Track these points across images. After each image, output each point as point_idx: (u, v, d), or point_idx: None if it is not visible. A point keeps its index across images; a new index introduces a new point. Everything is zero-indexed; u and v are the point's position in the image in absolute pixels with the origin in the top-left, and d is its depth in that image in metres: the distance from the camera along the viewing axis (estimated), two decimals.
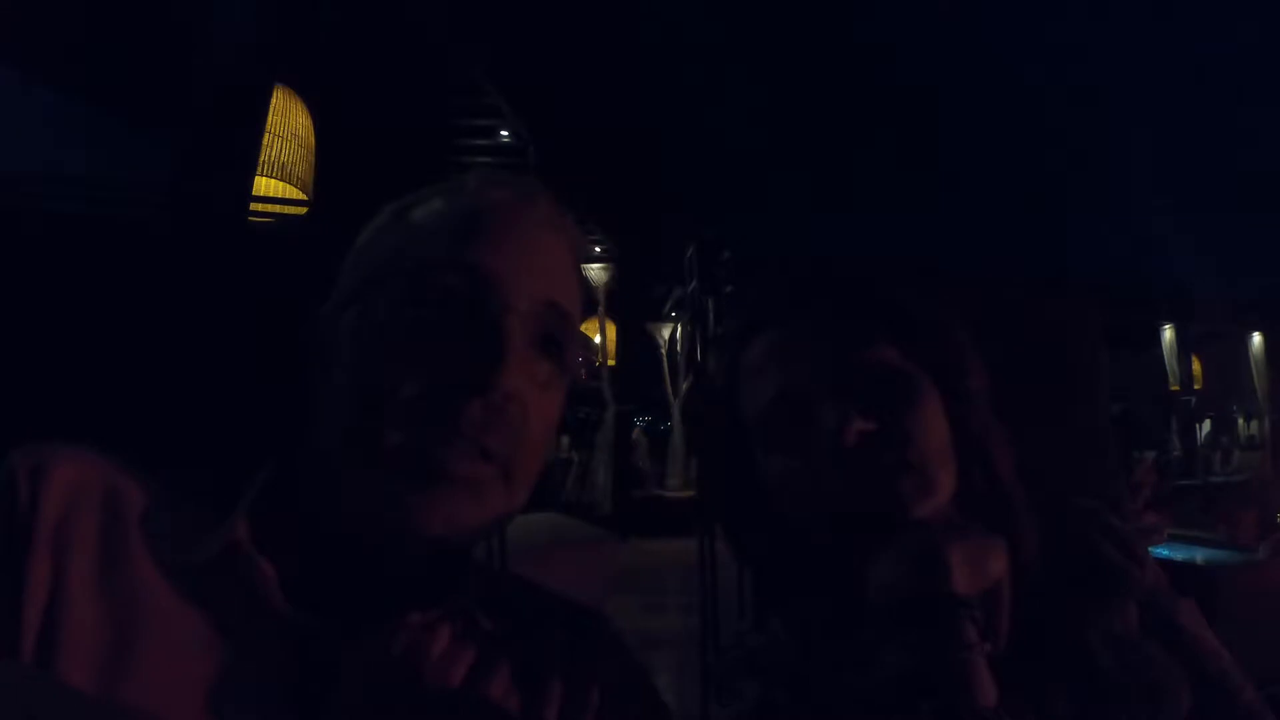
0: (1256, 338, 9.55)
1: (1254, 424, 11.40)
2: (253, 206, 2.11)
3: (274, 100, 2.27)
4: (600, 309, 8.22)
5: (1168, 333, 9.58)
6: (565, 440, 9.24)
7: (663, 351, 9.41)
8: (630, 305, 8.58)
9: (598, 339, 8.21)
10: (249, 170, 2.00)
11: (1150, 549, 0.72)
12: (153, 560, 0.48)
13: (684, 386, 8.98)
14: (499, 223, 0.57)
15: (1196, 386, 10.26)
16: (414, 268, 0.54)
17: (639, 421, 10.18)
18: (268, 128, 2.23)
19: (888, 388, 0.63)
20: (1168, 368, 9.69)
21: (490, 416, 0.51)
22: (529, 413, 0.54)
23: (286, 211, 2.31)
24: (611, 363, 8.38)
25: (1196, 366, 10.35)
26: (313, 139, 2.47)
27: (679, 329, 9.20)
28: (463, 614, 0.54)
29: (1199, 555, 3.23)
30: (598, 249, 8.19)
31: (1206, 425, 11.48)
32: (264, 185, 2.30)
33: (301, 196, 2.40)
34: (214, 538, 0.50)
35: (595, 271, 8.14)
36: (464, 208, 0.58)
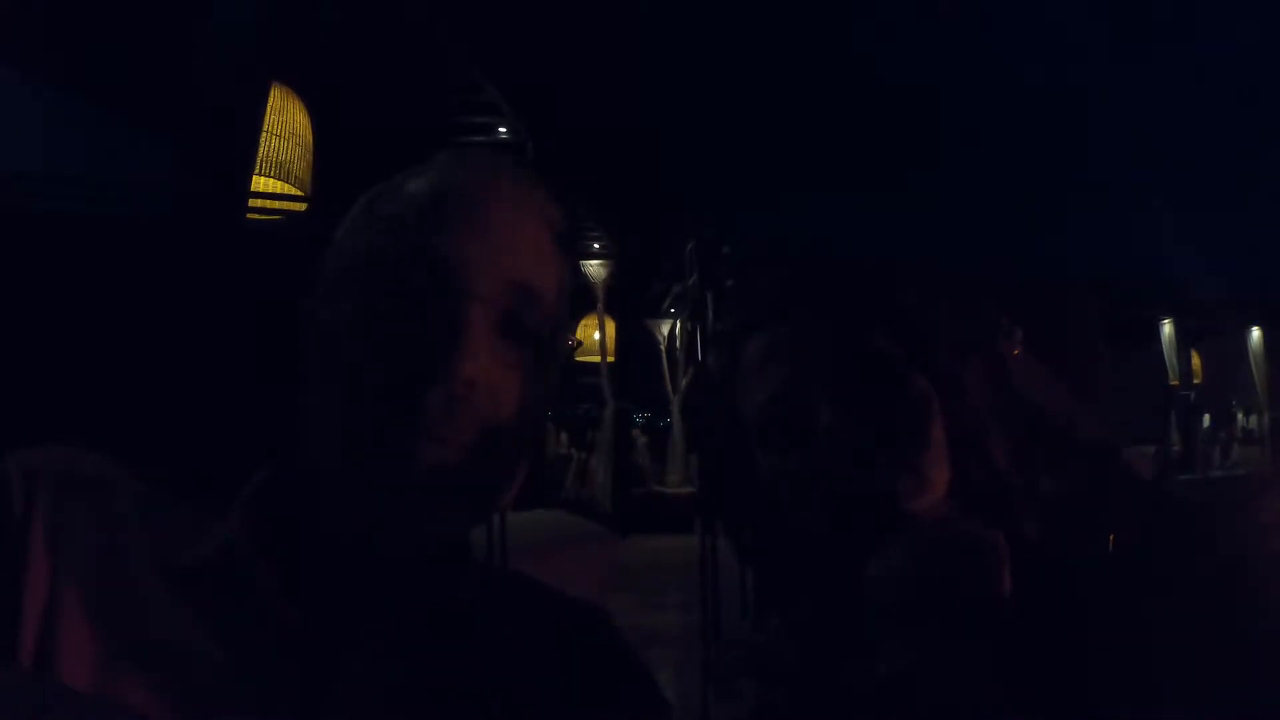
0: (1255, 333, 9.56)
1: (1253, 418, 11.40)
2: (251, 204, 2.11)
3: (272, 99, 2.27)
4: (600, 306, 8.23)
5: (1167, 328, 9.58)
6: (565, 437, 9.24)
7: (662, 348, 9.39)
8: (630, 302, 8.58)
9: (597, 336, 8.22)
10: (248, 170, 2.00)
11: None
12: (149, 561, 0.48)
13: (683, 383, 8.97)
14: (460, 205, 0.55)
15: (1196, 381, 10.25)
16: (378, 260, 0.53)
17: (639, 418, 10.17)
18: (266, 127, 2.23)
19: (885, 385, 0.63)
20: (1167, 363, 9.68)
21: (451, 407, 0.50)
22: (500, 399, 0.52)
23: (285, 208, 2.31)
24: (611, 359, 8.38)
25: (1196, 361, 10.33)
26: (311, 138, 2.47)
27: (678, 325, 9.19)
28: (462, 612, 0.54)
29: None
30: (597, 245, 8.18)
31: (1205, 420, 11.48)
32: (262, 184, 2.30)
33: (300, 194, 2.40)
34: (211, 538, 0.50)
35: (595, 268, 8.14)
36: (427, 192, 0.56)
